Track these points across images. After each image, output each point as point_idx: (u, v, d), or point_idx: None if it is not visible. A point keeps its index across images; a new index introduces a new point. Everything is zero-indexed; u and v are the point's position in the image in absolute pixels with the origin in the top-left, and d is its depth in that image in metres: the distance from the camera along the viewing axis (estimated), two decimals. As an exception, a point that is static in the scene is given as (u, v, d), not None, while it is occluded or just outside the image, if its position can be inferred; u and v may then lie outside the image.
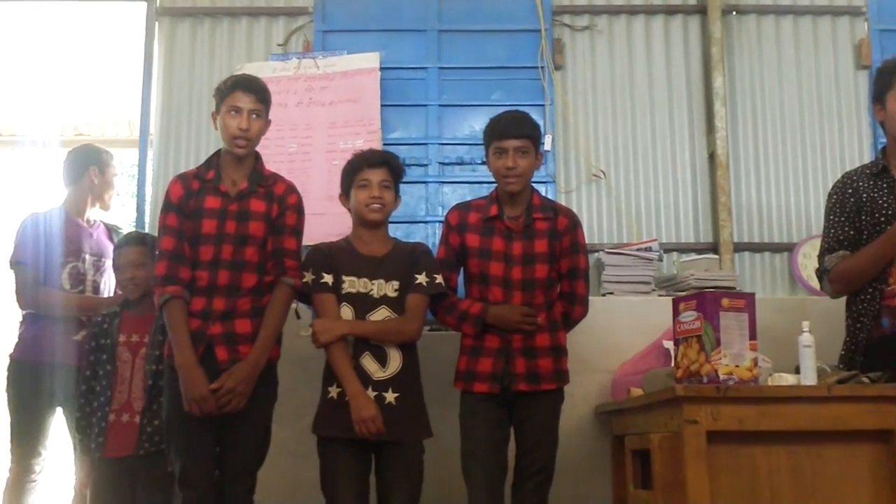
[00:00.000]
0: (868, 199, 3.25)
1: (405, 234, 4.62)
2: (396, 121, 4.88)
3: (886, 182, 3.24)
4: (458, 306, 3.44)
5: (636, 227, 4.83)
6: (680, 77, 5.02)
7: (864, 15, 5.10)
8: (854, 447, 2.82)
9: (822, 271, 3.35)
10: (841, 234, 3.29)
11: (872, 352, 3.17)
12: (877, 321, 3.18)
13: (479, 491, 3.33)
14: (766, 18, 5.11)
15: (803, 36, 5.09)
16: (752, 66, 5.05)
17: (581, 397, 3.99)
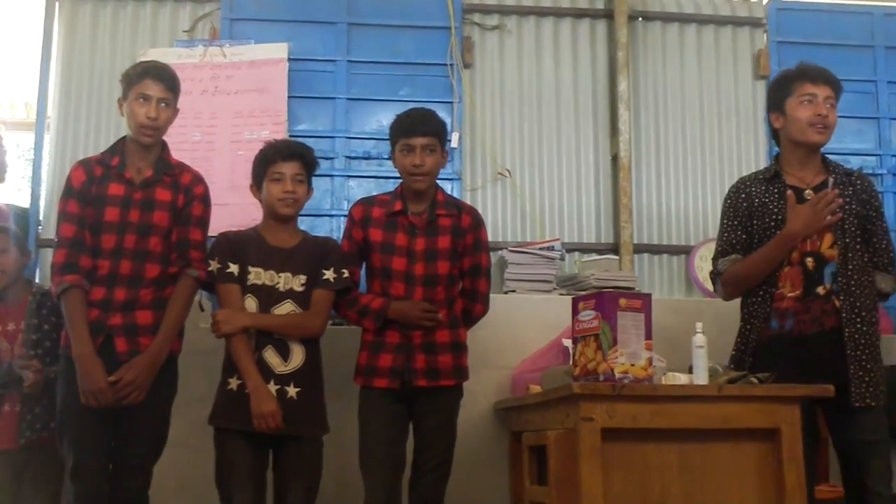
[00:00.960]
0: (760, 205, 3.34)
1: (310, 227, 4.57)
2: (303, 113, 4.84)
3: (778, 188, 3.34)
4: (359, 301, 3.43)
5: (539, 226, 4.89)
6: (586, 80, 5.09)
7: (763, 27, 5.26)
8: (742, 445, 2.91)
9: (716, 274, 3.43)
10: (734, 238, 3.38)
11: (762, 352, 3.25)
12: (766, 323, 3.26)
13: (377, 485, 3.33)
14: (670, 26, 5.22)
15: (706, 44, 5.22)
16: (655, 71, 5.15)
17: (481, 393, 4.02)
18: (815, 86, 3.31)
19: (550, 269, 4.49)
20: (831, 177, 3.33)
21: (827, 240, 3.24)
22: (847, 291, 3.19)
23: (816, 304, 3.21)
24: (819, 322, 3.20)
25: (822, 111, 3.28)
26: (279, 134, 4.50)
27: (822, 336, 3.19)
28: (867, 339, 3.18)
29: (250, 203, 3.51)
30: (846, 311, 3.18)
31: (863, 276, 3.24)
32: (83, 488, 3.08)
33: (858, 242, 3.27)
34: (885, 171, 5.09)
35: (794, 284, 3.24)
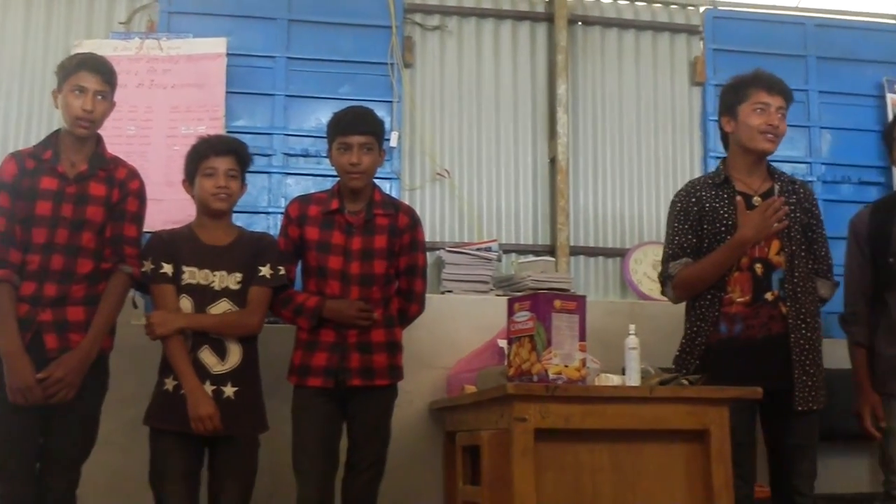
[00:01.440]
0: (710, 209, 3.38)
1: (246, 223, 4.50)
2: (241, 109, 4.78)
3: (728, 193, 3.38)
4: (294, 299, 3.41)
5: (477, 227, 4.90)
6: (525, 82, 5.12)
7: (700, 34, 5.33)
8: (672, 446, 2.95)
9: (666, 277, 3.45)
10: (684, 241, 3.41)
11: (710, 355, 3.30)
12: (715, 326, 3.30)
13: (309, 485, 3.32)
14: (609, 31, 5.27)
15: (643, 50, 5.28)
16: (594, 75, 5.20)
17: (416, 393, 4.02)
18: (770, 95, 3.36)
19: (487, 270, 4.50)
20: (777, 184, 3.40)
21: (774, 246, 3.30)
22: (793, 297, 3.26)
23: (765, 310, 3.27)
24: (766, 327, 3.27)
25: (773, 121, 3.34)
26: (216, 129, 4.44)
27: (769, 341, 3.25)
28: (811, 345, 3.26)
29: (186, 199, 3.47)
30: (792, 317, 3.25)
31: (808, 283, 3.32)
32: (9, 488, 3.01)
33: (803, 249, 3.34)
34: (815, 178, 5.19)
35: (743, 290, 3.29)
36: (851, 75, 5.38)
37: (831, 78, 5.36)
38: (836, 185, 5.27)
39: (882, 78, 5.32)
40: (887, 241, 3.48)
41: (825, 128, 5.33)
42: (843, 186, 5.27)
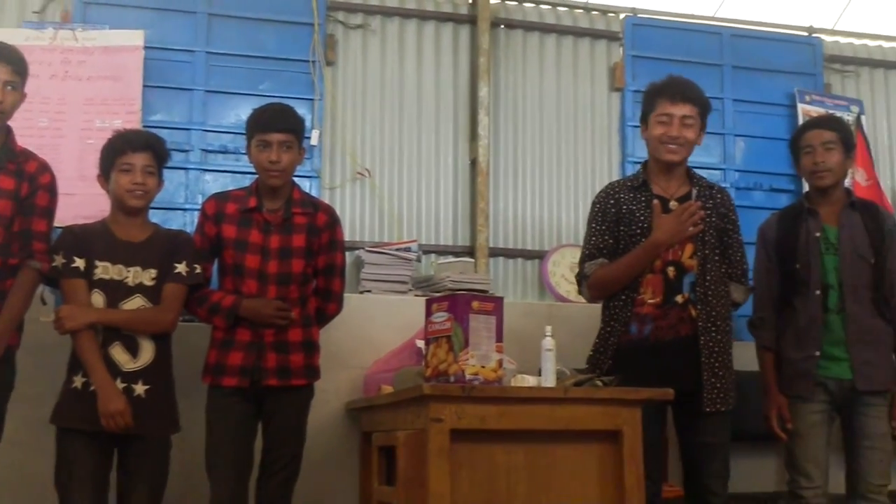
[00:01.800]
0: (627, 211, 3.42)
1: (162, 220, 4.41)
2: (159, 103, 4.70)
3: (645, 196, 3.43)
4: (210, 298, 3.37)
5: (397, 227, 4.90)
6: (447, 83, 5.14)
7: (620, 40, 5.42)
8: (586, 446, 2.98)
9: (582, 277, 3.50)
10: (601, 242, 3.45)
11: (620, 356, 3.34)
12: (626, 327, 3.35)
13: (223, 486, 3.28)
14: (531, 35, 5.32)
15: (564, 55, 5.34)
16: (516, 78, 5.24)
17: (333, 393, 4.00)
18: (673, 104, 3.39)
19: (407, 270, 4.50)
20: (694, 189, 3.46)
21: (688, 250, 3.35)
22: (704, 301, 3.32)
23: (674, 312, 3.32)
24: (675, 329, 3.32)
25: (673, 132, 3.37)
26: (133, 123, 4.36)
27: (678, 343, 3.30)
28: (720, 347, 3.32)
29: (99, 193, 3.40)
30: (702, 320, 3.30)
31: (719, 287, 3.37)
32: None
33: (717, 254, 3.40)
34: (728, 184, 5.31)
35: (654, 291, 3.34)
36: (765, 85, 5.53)
37: (746, 87, 5.50)
38: (749, 191, 5.40)
39: (794, 88, 5.48)
40: (794, 247, 3.58)
41: (739, 135, 5.47)
42: (755, 193, 5.41)
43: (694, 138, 3.42)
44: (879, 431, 3.48)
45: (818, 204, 3.63)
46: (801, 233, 3.58)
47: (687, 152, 3.44)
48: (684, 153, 3.42)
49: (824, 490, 3.48)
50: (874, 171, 5.38)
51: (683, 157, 3.43)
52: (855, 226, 3.56)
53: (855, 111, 5.51)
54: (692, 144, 3.44)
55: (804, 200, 3.70)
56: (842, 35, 5.83)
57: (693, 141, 3.43)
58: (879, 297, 3.52)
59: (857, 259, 3.52)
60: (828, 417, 3.54)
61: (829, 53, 5.70)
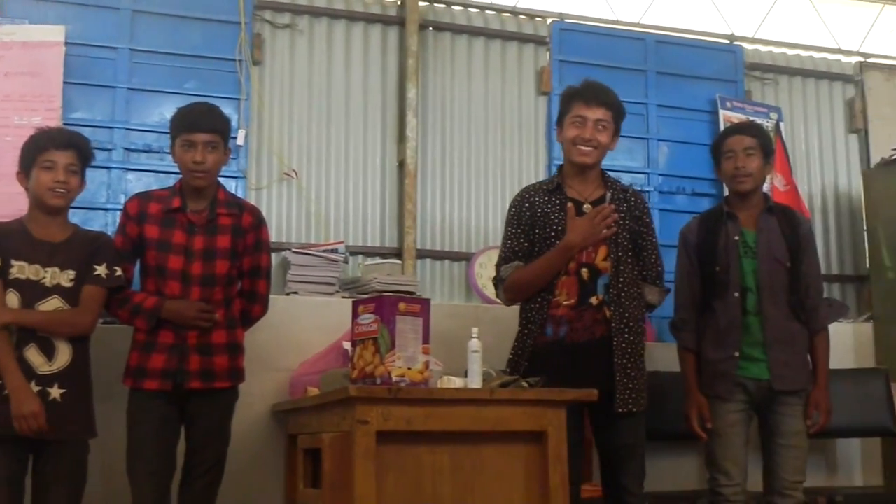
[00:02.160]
0: (542, 214, 3.46)
1: (82, 220, 4.34)
2: (80, 100, 4.60)
3: (559, 199, 3.47)
4: (131, 299, 3.31)
5: (324, 228, 4.88)
6: (376, 85, 5.13)
7: (547, 45, 5.47)
8: (511, 447, 3.00)
9: (498, 280, 3.54)
10: (516, 245, 3.49)
11: (537, 357, 3.37)
12: (542, 329, 3.39)
13: (145, 490, 3.23)
14: (460, 37, 5.34)
15: (492, 58, 5.37)
16: (444, 81, 5.26)
17: (258, 396, 3.96)
18: (588, 108, 3.44)
19: (334, 272, 4.48)
20: (609, 192, 3.50)
21: (602, 252, 3.40)
22: (617, 302, 3.36)
23: (589, 314, 3.36)
24: (590, 331, 3.36)
25: (586, 134, 3.42)
26: (52, 121, 4.26)
27: (593, 344, 3.35)
28: (633, 349, 3.36)
29: (17, 192, 3.32)
30: (616, 322, 3.35)
31: (632, 288, 3.42)
32: None
33: (630, 256, 3.45)
34: (651, 188, 5.41)
35: (569, 293, 3.37)
36: (688, 91, 5.64)
37: (669, 93, 5.60)
38: (672, 195, 5.50)
39: (715, 95, 5.60)
40: (714, 250, 3.66)
41: (663, 140, 5.56)
42: (677, 197, 5.52)
43: (607, 142, 3.47)
44: (795, 430, 3.58)
45: (737, 208, 3.72)
46: (721, 236, 3.66)
47: (599, 155, 3.48)
48: (596, 156, 3.47)
49: (743, 487, 3.56)
50: (792, 176, 5.53)
51: (595, 159, 3.48)
52: (772, 230, 3.66)
53: (774, 118, 5.65)
54: (605, 148, 3.48)
55: (724, 205, 3.78)
56: (762, 43, 5.97)
57: (606, 145, 3.47)
58: (795, 300, 3.62)
59: (773, 263, 3.61)
60: (746, 417, 3.62)
61: (750, 61, 5.83)
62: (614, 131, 3.50)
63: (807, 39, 6.07)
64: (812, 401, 3.61)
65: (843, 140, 5.95)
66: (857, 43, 6.15)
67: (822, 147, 5.90)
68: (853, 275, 5.79)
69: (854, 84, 6.00)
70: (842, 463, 4.98)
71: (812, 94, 5.95)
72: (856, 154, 5.95)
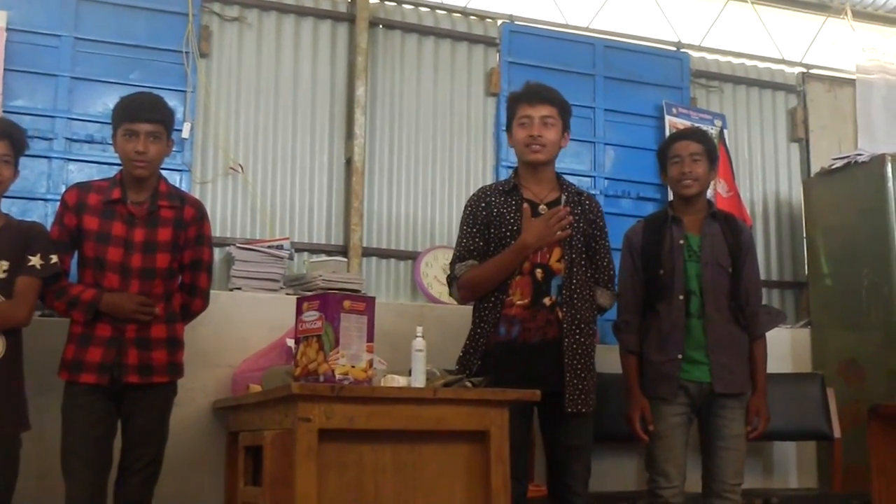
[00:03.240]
0: (498, 214, 3.49)
1: (21, 210, 4.27)
2: (21, 88, 4.49)
3: (515, 200, 3.50)
4: (68, 291, 3.25)
5: (270, 224, 4.83)
6: (325, 81, 5.09)
7: (496, 46, 5.48)
8: (454, 446, 3.01)
9: (452, 278, 3.54)
10: (471, 244, 3.51)
11: (489, 357, 3.39)
12: (495, 328, 3.40)
13: (79, 486, 3.17)
14: (410, 36, 5.32)
15: (442, 57, 5.36)
16: (393, 79, 5.23)
17: (199, 392, 3.92)
18: (532, 107, 3.49)
19: (278, 268, 4.44)
20: (564, 194, 3.53)
21: (556, 253, 3.43)
22: (570, 304, 3.39)
23: (542, 314, 3.39)
24: (543, 331, 3.38)
25: (534, 132, 3.46)
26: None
27: (545, 345, 3.37)
28: (584, 350, 3.39)
29: (-49, 181, 3.23)
30: (567, 323, 3.37)
31: (585, 290, 3.46)
32: None
33: (583, 258, 3.49)
34: (597, 191, 5.43)
35: (523, 293, 3.40)
36: (635, 96, 5.69)
37: (616, 97, 5.64)
38: (618, 198, 5.54)
39: (661, 100, 5.65)
40: (658, 253, 3.70)
41: (609, 144, 5.59)
42: (623, 201, 5.56)
43: (556, 138, 3.51)
44: (734, 433, 3.63)
45: (682, 213, 3.76)
46: (666, 240, 3.71)
47: (551, 152, 3.52)
48: (548, 153, 3.51)
49: (681, 489, 3.60)
50: (735, 183, 5.61)
51: (548, 156, 3.52)
52: (715, 235, 3.71)
53: (718, 125, 5.72)
54: (555, 145, 3.52)
55: (669, 209, 3.82)
56: (708, 51, 6.04)
57: (556, 141, 3.52)
58: (735, 306, 3.67)
59: (716, 268, 3.66)
60: (687, 419, 3.67)
61: (696, 69, 5.90)
62: (563, 127, 3.54)
63: (751, 49, 6.14)
64: (752, 407, 3.66)
65: (785, 149, 6.05)
66: (800, 54, 6.25)
67: (764, 155, 5.99)
68: (792, 281, 5.88)
69: (796, 94, 6.11)
70: (778, 465, 5.07)
71: (755, 103, 6.04)
72: (797, 163, 6.04)
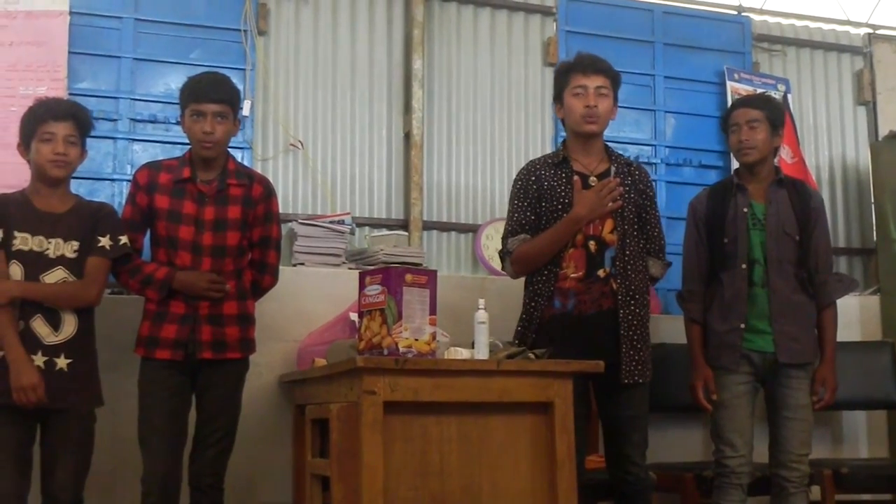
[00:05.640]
0: (548, 188, 3.47)
1: (89, 191, 4.37)
2: (85, 70, 4.58)
3: (565, 173, 3.48)
4: (142, 270, 3.32)
5: (331, 199, 4.87)
6: (381, 55, 5.10)
7: (553, 15, 5.43)
8: (518, 418, 3.02)
9: (505, 253, 3.54)
10: (523, 218, 3.50)
11: (544, 329, 3.39)
12: (550, 301, 3.40)
13: (156, 459, 3.25)
14: (466, 8, 5.30)
15: (498, 28, 5.33)
16: (450, 52, 5.22)
17: (266, 366, 3.99)
18: (586, 76, 3.46)
19: (340, 243, 4.49)
20: (613, 165, 3.51)
21: (608, 225, 3.41)
22: (623, 275, 3.37)
23: (596, 286, 3.38)
24: (598, 303, 3.37)
25: (590, 102, 3.43)
26: (58, 91, 4.25)
27: (600, 316, 3.36)
28: (639, 321, 3.38)
29: (23, 162, 3.30)
30: (622, 294, 3.36)
31: (638, 261, 3.44)
32: None
33: (635, 229, 3.46)
34: (658, 160, 5.39)
35: (577, 266, 3.38)
36: (695, 62, 5.61)
37: (676, 64, 5.56)
38: (679, 167, 5.48)
39: (723, 66, 5.56)
40: (723, 222, 3.65)
41: (670, 112, 5.53)
42: (684, 169, 5.49)
43: (609, 109, 3.49)
44: (801, 403, 3.59)
45: (747, 180, 3.71)
46: (730, 208, 3.66)
47: (604, 124, 3.51)
48: (602, 124, 3.49)
49: (748, 459, 3.58)
50: (800, 149, 5.51)
51: (601, 128, 3.50)
52: (781, 203, 3.65)
53: (782, 90, 5.62)
54: (608, 116, 3.50)
55: (734, 177, 3.77)
56: (770, 14, 5.92)
57: (609, 112, 3.49)
58: (803, 274, 3.62)
59: (782, 235, 3.61)
60: (752, 389, 3.63)
61: (758, 32, 5.79)
62: (613, 99, 3.51)
63: (815, 11, 6.02)
64: (818, 377, 3.62)
65: (851, 112, 5.92)
66: (866, 14, 6.10)
67: (829, 119, 5.87)
68: (860, 248, 5.78)
69: (862, 56, 5.96)
70: (847, 435, 5.00)
71: (820, 66, 5.91)
72: (864, 126, 5.91)
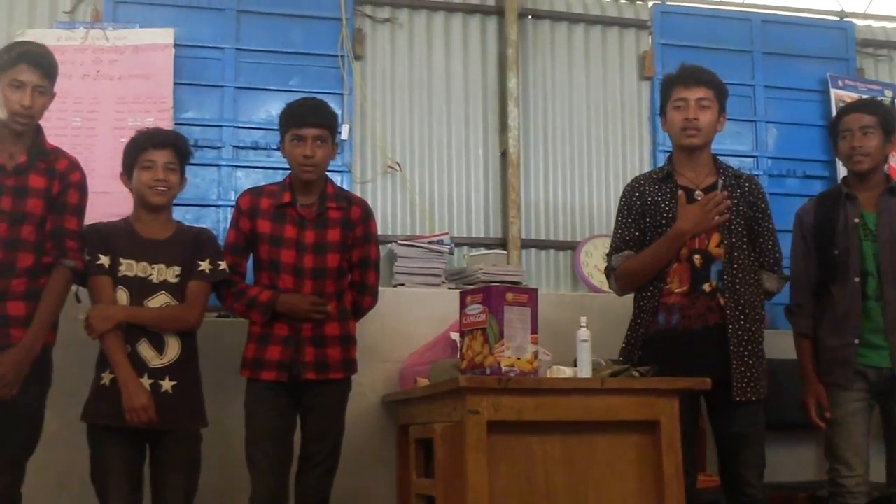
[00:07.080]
0: (652, 203, 3.43)
1: (195, 217, 4.49)
2: (190, 100, 4.71)
3: (670, 187, 3.43)
4: (246, 293, 3.39)
5: (429, 220, 4.90)
6: (476, 75, 5.12)
7: (648, 29, 5.38)
8: (623, 437, 2.97)
9: (610, 269, 3.51)
10: (627, 234, 3.46)
11: (649, 346, 3.34)
12: (654, 317, 3.35)
13: (263, 479, 3.30)
14: (559, 25, 5.29)
15: (593, 44, 5.31)
16: (544, 69, 5.22)
17: (369, 387, 4.01)
18: (687, 89, 3.40)
19: (439, 263, 4.50)
20: (721, 178, 3.44)
21: (714, 239, 3.34)
22: (732, 289, 3.30)
23: (702, 301, 3.31)
24: (703, 318, 3.31)
25: (690, 115, 3.37)
26: (164, 121, 4.39)
27: (706, 332, 3.30)
28: (750, 336, 3.29)
29: (130, 192, 3.41)
30: (730, 308, 3.28)
31: (748, 275, 3.35)
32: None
33: (745, 242, 3.38)
34: (761, 172, 5.27)
35: (681, 280, 3.33)
36: (796, 71, 5.47)
37: (777, 73, 5.44)
38: (782, 178, 5.35)
39: (826, 74, 5.42)
40: (832, 233, 3.54)
41: (771, 122, 5.41)
42: (788, 180, 5.36)
43: (712, 121, 3.42)
44: (919, 419, 3.45)
45: (857, 189, 3.59)
46: (840, 218, 3.54)
47: (707, 136, 3.43)
48: (704, 137, 3.42)
49: (865, 479, 3.44)
50: (909, 156, 5.32)
51: (704, 140, 3.43)
52: (894, 212, 3.51)
53: (889, 95, 5.44)
54: (711, 128, 3.43)
55: (843, 185, 3.65)
56: (874, 19, 5.75)
57: (712, 124, 3.42)
58: (920, 285, 3.48)
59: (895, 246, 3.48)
60: (867, 406, 3.50)
61: (862, 38, 5.63)
62: (719, 110, 3.44)
63: (922, 13, 5.83)
64: (937, 393, 3.47)
65: (964, 116, 5.69)
66: (977, 14, 5.88)
67: (941, 124, 5.65)
68: (977, 257, 5.54)
69: (973, 58, 5.74)
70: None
71: (929, 70, 5.71)
72: (977, 131, 5.68)
